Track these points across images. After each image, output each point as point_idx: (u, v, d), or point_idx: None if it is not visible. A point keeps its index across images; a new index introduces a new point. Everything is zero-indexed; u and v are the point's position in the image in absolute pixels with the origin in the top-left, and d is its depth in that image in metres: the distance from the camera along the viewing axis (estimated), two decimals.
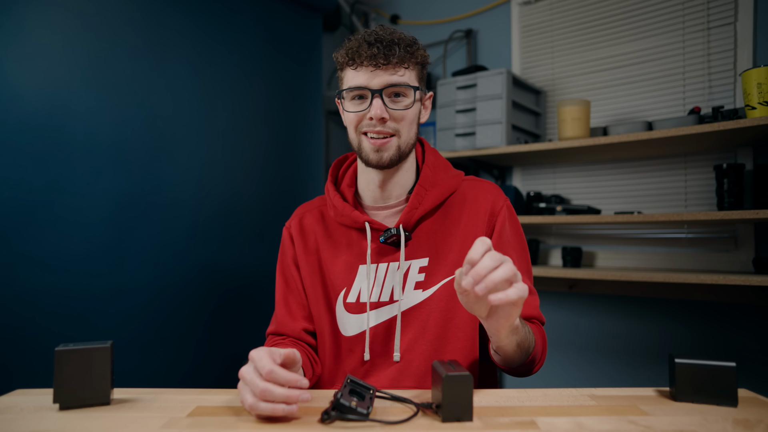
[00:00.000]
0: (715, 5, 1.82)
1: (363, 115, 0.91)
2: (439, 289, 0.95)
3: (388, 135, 0.91)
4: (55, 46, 1.48)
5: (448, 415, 0.66)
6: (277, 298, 1.05)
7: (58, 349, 0.70)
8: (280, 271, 1.06)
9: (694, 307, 1.86)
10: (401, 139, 0.93)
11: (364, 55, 0.88)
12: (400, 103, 0.91)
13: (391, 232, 0.94)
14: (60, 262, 1.47)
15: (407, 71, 0.91)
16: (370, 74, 0.89)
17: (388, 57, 0.88)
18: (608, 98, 2.07)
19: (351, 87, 0.91)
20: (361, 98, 0.92)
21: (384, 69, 0.89)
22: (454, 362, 0.70)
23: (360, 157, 0.96)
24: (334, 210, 1.00)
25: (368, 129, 0.92)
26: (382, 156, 0.92)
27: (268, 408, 0.64)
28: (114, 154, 1.59)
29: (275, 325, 1.03)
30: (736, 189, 1.63)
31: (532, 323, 1.00)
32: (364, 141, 0.93)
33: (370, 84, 0.89)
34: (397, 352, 0.94)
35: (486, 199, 0.99)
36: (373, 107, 0.89)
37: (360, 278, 0.97)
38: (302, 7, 2.19)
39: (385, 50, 0.88)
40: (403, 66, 0.90)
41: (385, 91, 0.90)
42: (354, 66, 0.90)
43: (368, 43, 0.89)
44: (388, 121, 0.91)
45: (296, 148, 2.18)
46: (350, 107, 0.93)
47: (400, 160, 0.94)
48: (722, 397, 0.71)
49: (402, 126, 0.92)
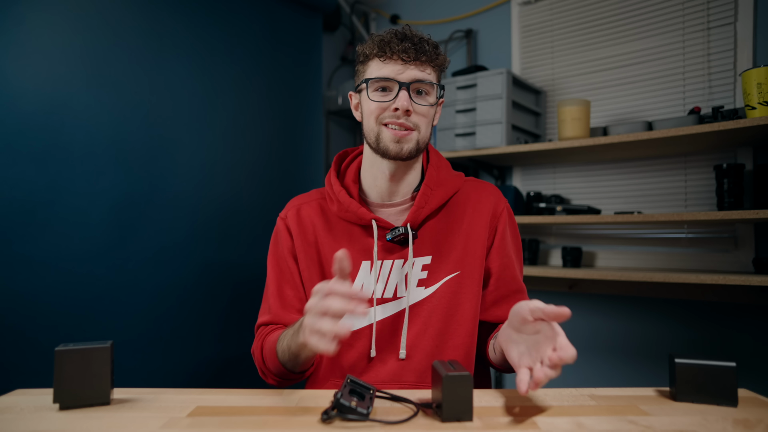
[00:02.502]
0: (715, 5, 1.82)
1: (387, 105, 0.92)
2: (442, 285, 0.96)
3: (410, 128, 0.93)
4: (55, 46, 1.48)
5: (448, 414, 0.66)
6: (268, 290, 1.03)
7: (58, 349, 0.70)
8: (274, 262, 1.04)
9: (694, 307, 1.86)
10: (420, 135, 0.94)
11: (395, 48, 0.90)
12: (424, 100, 0.94)
13: (399, 230, 0.95)
14: (60, 262, 1.47)
15: (432, 71, 0.94)
16: (401, 67, 0.91)
17: (418, 53, 0.90)
18: (608, 98, 2.07)
19: (378, 77, 0.92)
20: (384, 90, 0.93)
21: (414, 64, 0.91)
22: (454, 362, 0.70)
23: (377, 148, 0.95)
24: (338, 205, 0.99)
25: (390, 120, 0.92)
26: (402, 147, 0.93)
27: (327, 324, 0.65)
28: (114, 154, 1.59)
29: (269, 315, 1.01)
30: (736, 189, 1.63)
31: None
32: (384, 131, 0.93)
33: (399, 76, 0.91)
34: (403, 349, 0.94)
35: (489, 201, 1.02)
36: (399, 98, 0.90)
37: (363, 274, 0.97)
38: (302, 7, 2.19)
39: (416, 47, 0.90)
40: (430, 65, 0.93)
41: (412, 86, 0.91)
42: (383, 58, 0.91)
43: (399, 39, 0.91)
44: (412, 114, 0.92)
45: (296, 147, 2.18)
46: (375, 96, 0.93)
47: (417, 154, 0.96)
48: (722, 397, 0.71)
49: (422, 122, 0.94)
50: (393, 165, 0.96)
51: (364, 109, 0.97)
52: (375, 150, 0.96)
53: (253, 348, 0.99)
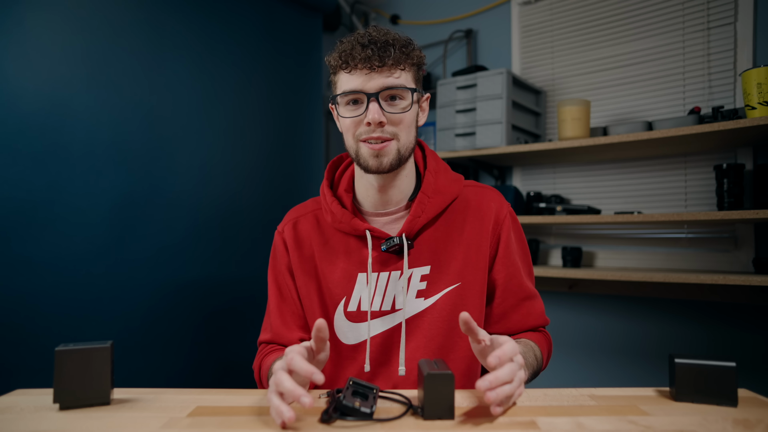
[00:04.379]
0: (715, 5, 1.82)
1: (359, 120, 0.88)
2: (442, 297, 0.93)
3: (387, 139, 0.88)
4: (55, 46, 1.48)
5: (429, 413, 0.66)
6: (270, 307, 1.02)
7: (58, 349, 0.70)
8: (273, 278, 1.02)
9: (694, 307, 1.86)
10: (400, 143, 0.89)
11: (357, 57, 0.85)
12: (397, 106, 0.88)
13: (393, 241, 0.91)
14: (60, 262, 1.47)
15: (403, 73, 0.88)
16: (365, 77, 0.86)
17: (383, 59, 0.85)
18: (608, 98, 2.07)
19: (345, 91, 0.87)
20: (356, 103, 0.89)
21: (379, 71, 0.85)
22: (439, 361, 0.70)
23: (359, 163, 0.92)
24: (331, 216, 0.97)
25: (367, 136, 0.88)
26: (381, 161, 0.88)
27: (274, 402, 0.64)
28: (114, 154, 1.59)
29: (270, 334, 1.00)
30: (736, 189, 1.63)
31: (538, 332, 0.99)
32: (362, 147, 0.89)
33: (365, 87, 0.86)
34: (402, 366, 0.91)
35: (490, 208, 0.97)
36: (369, 111, 0.85)
37: (360, 286, 0.95)
38: (302, 7, 2.19)
39: (380, 52, 0.84)
40: (399, 68, 0.87)
41: (381, 94, 0.86)
42: (348, 69, 0.87)
43: (362, 45, 0.85)
44: (386, 125, 0.87)
45: (296, 147, 2.18)
46: (345, 112, 0.89)
47: (400, 164, 0.91)
48: (722, 397, 0.71)
49: (400, 129, 0.89)
50: (379, 177, 0.93)
51: (339, 124, 0.94)
52: (357, 165, 0.93)
53: (253, 365, 0.99)
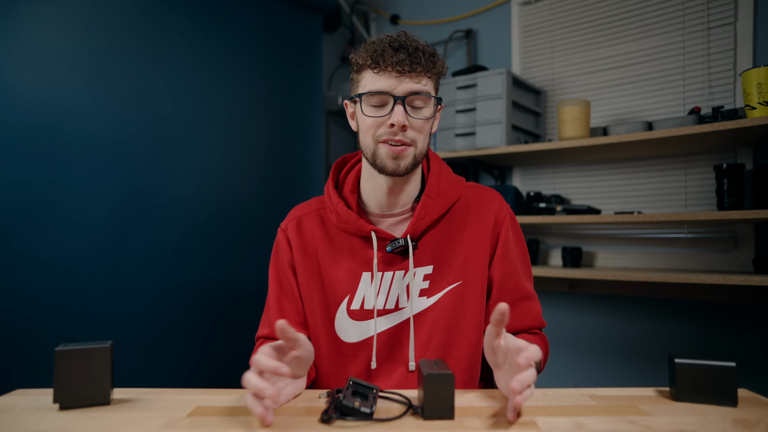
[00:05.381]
0: (715, 5, 1.82)
1: (382, 121, 0.89)
2: (444, 295, 0.95)
3: (407, 144, 0.89)
4: (55, 46, 1.48)
5: (429, 413, 0.66)
6: (269, 302, 1.03)
7: (58, 349, 0.70)
8: (274, 274, 1.04)
9: (694, 307, 1.86)
10: (417, 150, 0.91)
11: (389, 60, 0.86)
12: (420, 113, 0.90)
13: (398, 242, 0.93)
14: (60, 262, 1.47)
15: (429, 81, 0.90)
16: (395, 80, 0.87)
17: (413, 65, 0.86)
18: (608, 98, 2.07)
19: (373, 91, 0.88)
20: (380, 104, 0.90)
21: (408, 76, 0.87)
22: (439, 361, 0.70)
23: (374, 164, 0.92)
24: (337, 217, 0.98)
25: (387, 137, 0.89)
26: (399, 164, 0.90)
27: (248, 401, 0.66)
28: (114, 154, 1.59)
29: (268, 328, 1.01)
30: (736, 189, 1.63)
31: (533, 334, 1.00)
32: (381, 148, 0.90)
33: (394, 90, 0.87)
34: (412, 361, 0.93)
35: (490, 208, 1.00)
36: (395, 114, 0.87)
37: (364, 285, 0.96)
38: (302, 7, 2.20)
39: (411, 57, 0.86)
40: (426, 75, 0.89)
41: (407, 99, 0.88)
42: (377, 69, 0.88)
43: (393, 48, 0.86)
44: (408, 129, 0.89)
45: (296, 147, 2.18)
46: (369, 112, 0.90)
47: (413, 169, 0.93)
48: (722, 397, 0.71)
49: (419, 137, 0.91)
50: (391, 180, 0.94)
51: (359, 123, 0.94)
52: (372, 165, 0.94)
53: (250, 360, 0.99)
